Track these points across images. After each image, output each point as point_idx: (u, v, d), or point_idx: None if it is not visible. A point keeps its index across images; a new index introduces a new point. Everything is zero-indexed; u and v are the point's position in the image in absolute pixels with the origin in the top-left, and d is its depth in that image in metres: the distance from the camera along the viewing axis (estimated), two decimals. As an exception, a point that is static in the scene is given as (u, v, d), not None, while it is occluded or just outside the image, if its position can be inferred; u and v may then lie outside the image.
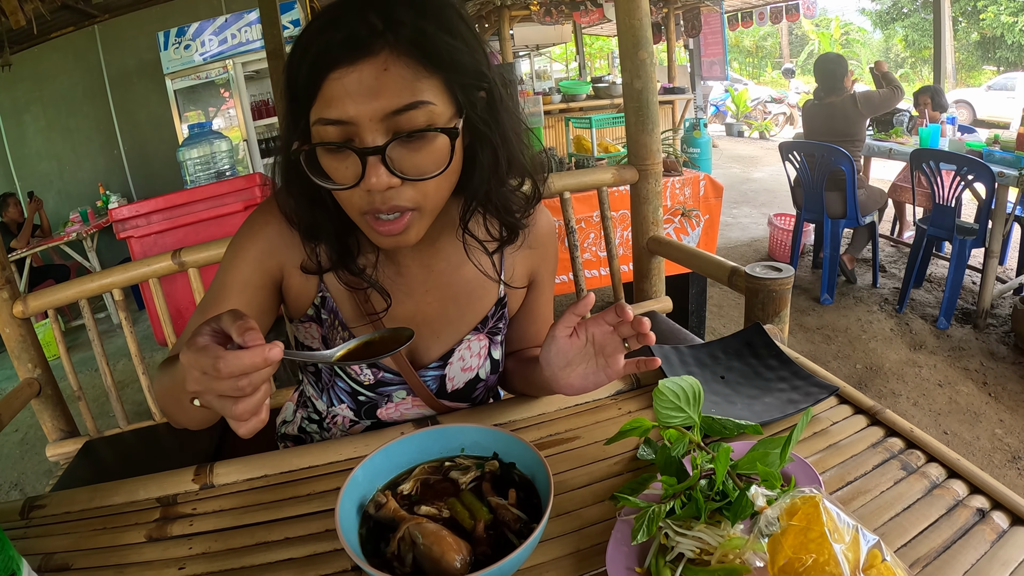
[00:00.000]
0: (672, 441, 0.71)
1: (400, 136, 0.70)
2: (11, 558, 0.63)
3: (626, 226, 2.86)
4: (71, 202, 6.22)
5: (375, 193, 0.72)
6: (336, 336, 0.92)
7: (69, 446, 1.64)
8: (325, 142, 0.71)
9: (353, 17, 0.69)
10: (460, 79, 0.73)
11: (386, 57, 0.68)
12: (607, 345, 0.79)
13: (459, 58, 0.72)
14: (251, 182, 2.32)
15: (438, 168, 0.73)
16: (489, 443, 0.75)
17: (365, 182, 0.70)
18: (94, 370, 4.06)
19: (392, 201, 0.73)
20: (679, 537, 0.62)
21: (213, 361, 0.53)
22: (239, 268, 0.87)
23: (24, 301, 1.53)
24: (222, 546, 0.77)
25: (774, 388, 0.99)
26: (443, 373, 0.97)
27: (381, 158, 0.69)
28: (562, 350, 0.81)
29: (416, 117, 0.69)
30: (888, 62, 6.11)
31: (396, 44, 0.68)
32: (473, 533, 0.63)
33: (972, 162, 3.28)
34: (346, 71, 0.68)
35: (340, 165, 0.72)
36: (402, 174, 0.71)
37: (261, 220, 0.88)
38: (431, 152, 0.72)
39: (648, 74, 1.77)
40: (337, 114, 0.69)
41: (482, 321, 0.98)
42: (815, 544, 0.57)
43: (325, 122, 0.70)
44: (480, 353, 0.99)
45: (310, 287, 0.91)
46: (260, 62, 5.64)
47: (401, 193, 0.73)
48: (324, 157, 0.73)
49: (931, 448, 0.81)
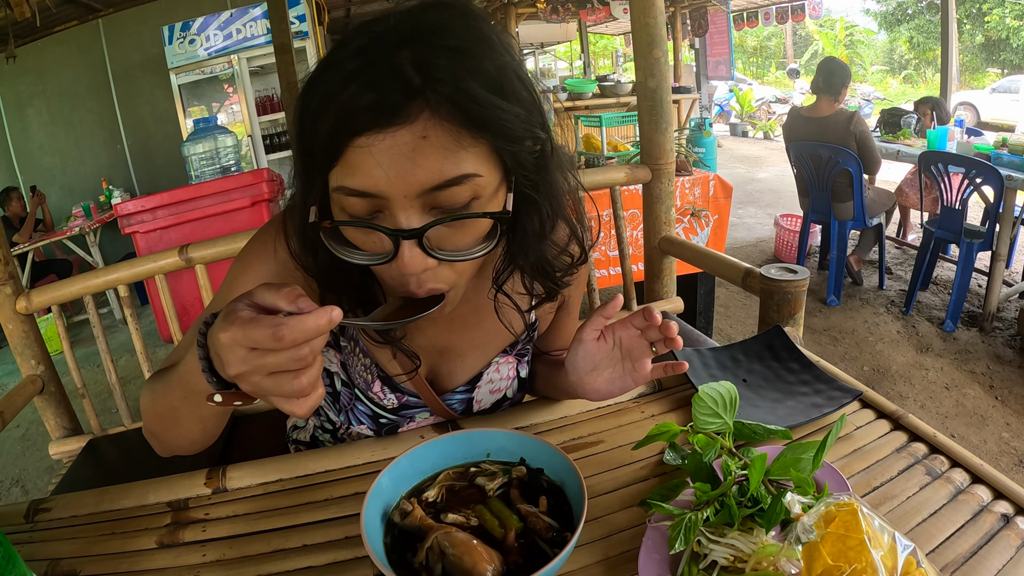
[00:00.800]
0: (702, 447, 0.70)
1: (441, 222, 0.60)
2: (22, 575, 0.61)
3: (635, 225, 2.85)
4: (74, 197, 6.21)
5: (409, 275, 0.63)
6: (357, 363, 0.87)
7: (72, 444, 1.63)
8: (350, 219, 0.61)
9: (384, 68, 0.56)
10: (510, 144, 0.61)
11: (425, 122, 0.56)
12: (634, 349, 0.77)
13: (510, 121, 0.60)
14: (258, 178, 2.30)
15: (481, 247, 0.64)
16: (516, 448, 0.73)
17: (398, 263, 0.61)
18: (96, 366, 4.05)
19: (428, 284, 0.64)
20: (712, 544, 0.61)
21: (272, 330, 0.49)
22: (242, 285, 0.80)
23: (28, 297, 1.52)
24: (237, 553, 0.75)
25: (796, 392, 0.97)
26: (471, 396, 0.94)
27: (418, 241, 0.60)
28: (589, 354, 0.79)
29: (459, 192, 0.59)
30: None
31: (436, 105, 0.56)
32: (504, 542, 0.61)
33: (980, 165, 3.27)
34: (376, 137, 0.56)
35: (368, 238, 0.63)
36: (440, 255, 0.62)
37: (271, 241, 0.78)
38: (474, 231, 0.63)
39: (662, 73, 1.76)
40: (364, 186, 0.58)
41: (511, 344, 0.93)
42: (854, 552, 0.56)
43: (349, 192, 0.59)
44: (508, 375, 0.95)
45: None
46: (265, 57, 5.64)
47: (438, 274, 0.64)
48: (351, 229, 0.63)
49: (954, 453, 0.81)
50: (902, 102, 12.46)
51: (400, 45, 0.57)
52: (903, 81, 20.76)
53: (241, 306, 0.52)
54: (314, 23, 5.72)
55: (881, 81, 20.78)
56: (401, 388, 0.90)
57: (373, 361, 0.87)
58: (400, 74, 0.56)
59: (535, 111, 0.64)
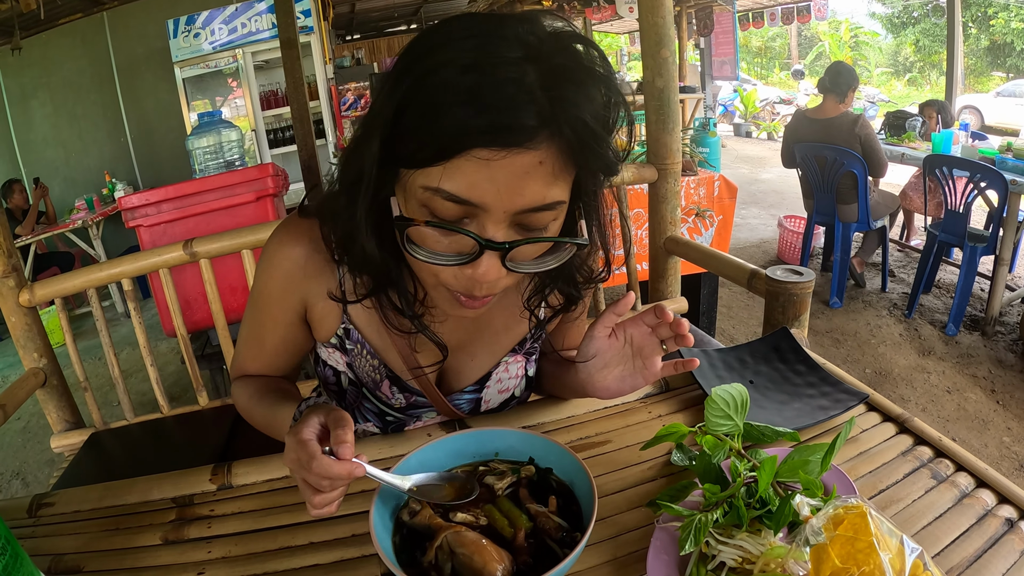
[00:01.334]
0: (710, 448, 0.70)
1: (530, 241, 0.63)
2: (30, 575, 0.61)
3: (640, 225, 2.85)
4: (77, 189, 6.21)
5: (478, 283, 0.64)
6: (365, 364, 0.87)
7: (74, 438, 1.63)
8: (439, 221, 0.61)
9: (514, 87, 0.55)
10: (592, 178, 0.67)
11: (543, 153, 0.58)
12: (645, 346, 0.77)
13: (607, 159, 0.63)
14: (263, 172, 2.29)
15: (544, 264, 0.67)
16: (525, 447, 0.73)
17: (475, 270, 0.62)
18: (97, 359, 4.06)
19: (492, 291, 0.66)
20: (721, 546, 0.61)
21: (308, 459, 0.59)
22: (267, 308, 0.86)
23: (31, 290, 1.52)
24: (243, 550, 0.75)
25: (803, 394, 0.97)
26: (479, 396, 0.94)
27: (502, 254, 0.62)
28: (599, 351, 0.79)
29: (547, 216, 0.62)
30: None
31: (558, 139, 0.58)
32: (513, 542, 0.61)
33: (985, 169, 3.27)
34: (498, 154, 0.56)
35: (443, 239, 0.63)
36: (514, 267, 0.64)
37: (277, 254, 0.82)
38: (542, 248, 0.67)
39: (670, 72, 1.76)
40: (471, 196, 0.58)
41: (520, 343, 0.93)
42: (863, 554, 0.56)
43: (448, 196, 0.59)
44: (517, 374, 0.95)
45: (332, 318, 0.85)
46: (269, 52, 5.63)
47: (500, 283, 0.66)
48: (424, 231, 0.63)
49: (959, 457, 0.81)
50: (907, 105, 12.44)
51: (526, 62, 0.57)
52: (908, 84, 20.71)
53: (312, 421, 0.63)
54: (319, 18, 5.71)
55: (886, 83, 20.74)
56: (410, 388, 0.89)
57: (381, 362, 0.87)
58: (533, 98, 0.56)
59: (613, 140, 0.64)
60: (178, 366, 3.77)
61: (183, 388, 3.55)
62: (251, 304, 0.88)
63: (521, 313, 0.87)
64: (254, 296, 0.86)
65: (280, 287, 0.83)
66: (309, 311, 0.86)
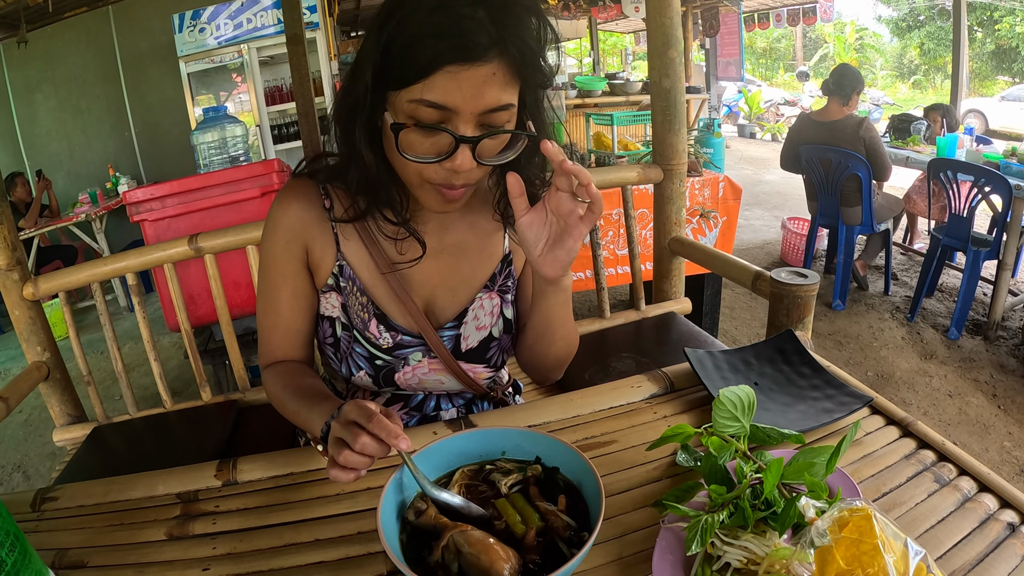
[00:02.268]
0: (716, 449, 0.70)
1: (492, 133, 0.79)
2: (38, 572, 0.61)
3: (644, 225, 2.85)
4: (80, 183, 6.21)
5: (455, 173, 0.80)
6: (355, 302, 0.98)
7: (77, 431, 1.63)
8: (424, 122, 0.78)
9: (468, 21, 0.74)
10: (533, 90, 0.84)
11: (496, 66, 0.76)
12: (562, 206, 0.80)
13: (540, 72, 0.82)
14: (268, 168, 2.28)
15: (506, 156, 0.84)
16: (531, 447, 0.73)
17: (452, 162, 0.79)
18: (100, 352, 4.06)
19: (468, 180, 0.83)
20: (726, 546, 0.61)
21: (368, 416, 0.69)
22: (276, 263, 0.98)
23: (35, 283, 1.52)
24: (248, 547, 0.75)
25: (807, 396, 0.98)
26: (459, 332, 1.01)
27: (472, 147, 0.78)
28: (531, 227, 0.82)
29: (502, 116, 0.79)
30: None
31: (504, 56, 0.76)
32: (523, 540, 0.61)
33: (989, 174, 3.26)
34: (462, 68, 0.74)
35: (426, 141, 0.79)
36: (481, 160, 0.80)
37: (278, 211, 0.97)
38: (502, 147, 0.84)
39: (677, 73, 1.75)
40: (445, 101, 0.75)
41: (491, 279, 1.03)
42: (867, 557, 0.57)
43: (428, 104, 0.76)
44: (493, 312, 1.03)
45: (329, 257, 0.98)
46: (274, 47, 5.62)
47: (472, 174, 0.82)
48: (411, 132, 0.79)
49: (962, 461, 0.81)
50: (911, 108, 12.42)
51: (476, 3, 0.75)
52: (912, 87, 20.68)
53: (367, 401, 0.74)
54: (324, 14, 5.70)
55: (890, 86, 20.71)
56: (396, 326, 0.99)
57: (370, 299, 0.98)
58: (484, 26, 0.74)
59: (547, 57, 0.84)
60: (181, 361, 3.77)
61: (185, 383, 3.55)
62: (261, 275, 1.00)
63: (492, 247, 1.04)
64: (263, 263, 0.99)
65: (284, 240, 0.96)
66: (310, 255, 0.98)
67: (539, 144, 0.83)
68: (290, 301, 0.99)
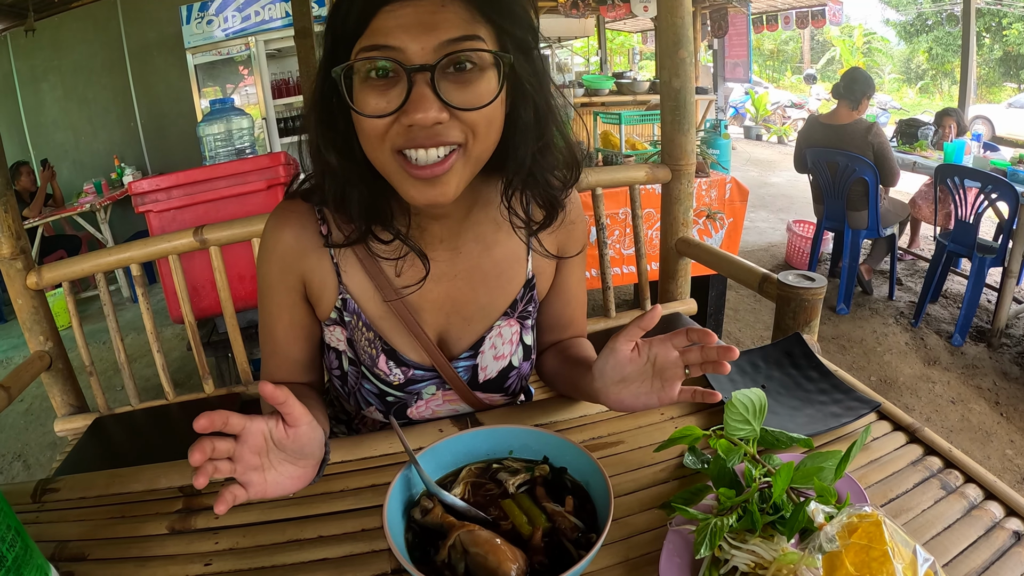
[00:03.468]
0: (725, 452, 0.70)
1: (450, 55, 0.67)
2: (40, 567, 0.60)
3: (650, 225, 2.84)
4: (85, 173, 6.21)
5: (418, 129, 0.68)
6: (361, 337, 0.90)
7: (78, 422, 1.63)
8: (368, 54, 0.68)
9: None
10: (511, 31, 0.72)
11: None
12: (668, 369, 0.74)
13: (515, 10, 0.72)
14: (275, 161, 2.28)
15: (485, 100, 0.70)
16: (539, 446, 0.73)
17: (411, 105, 0.66)
18: (102, 343, 4.06)
19: (439, 136, 0.69)
20: (734, 550, 0.61)
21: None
22: (271, 292, 0.90)
23: (39, 272, 1.52)
24: (251, 542, 0.74)
25: (815, 400, 0.97)
26: (475, 363, 0.94)
27: (430, 79, 0.66)
28: (620, 364, 0.76)
29: (464, 50, 0.67)
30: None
31: None
32: (530, 541, 0.61)
33: (996, 180, 3.26)
34: (402, 5, 0.66)
35: (381, 99, 0.68)
36: (448, 100, 0.67)
37: (270, 238, 0.88)
38: (478, 88, 0.69)
39: (687, 73, 1.75)
40: (387, 41, 0.66)
41: (511, 305, 0.94)
42: (877, 563, 0.57)
43: (371, 49, 0.67)
44: (512, 339, 0.95)
45: (330, 290, 0.89)
46: (282, 40, 5.61)
47: (448, 128, 0.69)
48: (363, 92, 0.69)
49: (968, 468, 0.81)
50: (918, 112, 12.39)
51: None
52: (919, 92, 20.63)
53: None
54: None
55: (897, 91, 20.67)
56: (406, 361, 0.91)
57: (377, 335, 0.90)
58: None
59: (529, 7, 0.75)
60: (183, 353, 3.77)
61: (188, 375, 3.56)
62: (259, 297, 0.92)
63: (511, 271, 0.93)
64: (259, 287, 0.92)
65: (278, 270, 0.88)
66: (308, 288, 0.90)
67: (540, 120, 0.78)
68: (287, 332, 0.92)
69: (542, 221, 0.89)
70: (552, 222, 0.89)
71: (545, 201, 0.87)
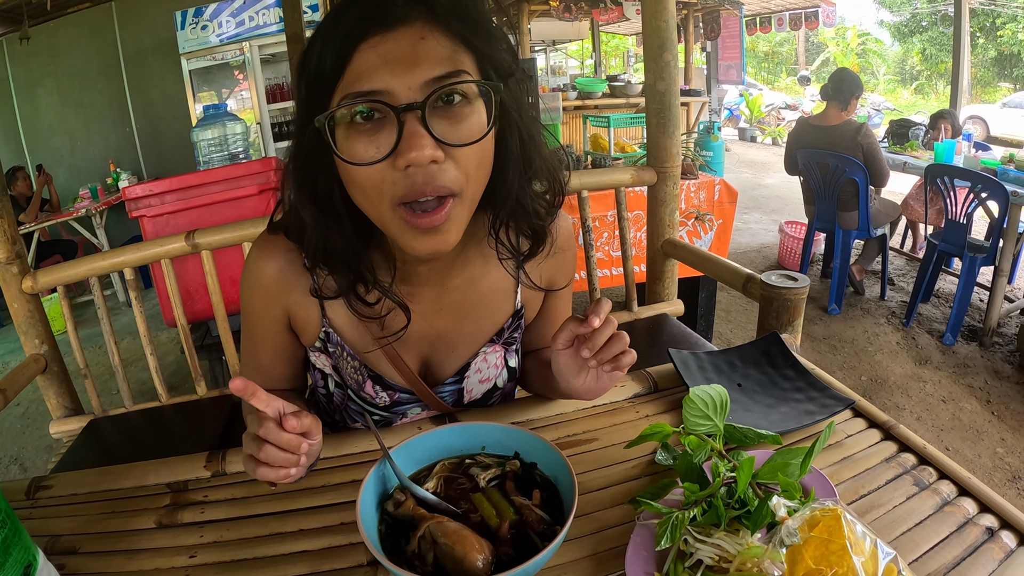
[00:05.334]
0: (693, 448, 0.71)
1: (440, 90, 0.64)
2: (27, 548, 0.62)
3: (639, 227, 2.86)
4: (81, 178, 6.22)
5: (416, 171, 0.64)
6: (347, 365, 0.91)
7: (73, 424, 1.64)
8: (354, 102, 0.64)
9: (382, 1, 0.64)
10: (492, 55, 0.70)
11: (422, 26, 0.64)
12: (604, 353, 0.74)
13: (494, 34, 0.70)
14: (267, 166, 2.30)
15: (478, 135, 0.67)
16: (511, 442, 0.75)
17: (404, 145, 0.63)
18: (98, 347, 4.07)
19: (436, 180, 0.65)
20: (698, 544, 0.62)
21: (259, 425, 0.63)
22: (254, 322, 0.90)
23: (34, 276, 1.53)
24: (234, 535, 0.77)
25: (790, 398, 0.98)
26: (460, 387, 0.95)
27: (421, 117, 0.63)
28: (568, 364, 0.78)
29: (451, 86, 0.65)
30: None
31: (432, 14, 0.65)
32: (497, 532, 0.63)
33: (986, 180, 3.27)
34: (380, 40, 0.63)
35: (371, 146, 0.65)
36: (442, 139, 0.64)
37: (254, 271, 0.86)
38: (470, 121, 0.67)
39: (671, 76, 1.77)
40: (371, 84, 0.63)
41: (498, 332, 0.94)
42: (836, 556, 0.57)
43: (355, 95, 0.63)
44: (496, 364, 0.96)
45: (313, 322, 0.88)
46: (276, 45, 5.64)
47: (444, 171, 0.66)
48: (350, 140, 0.66)
49: (943, 465, 0.81)
50: (912, 113, 12.42)
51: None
52: (914, 92, 20.67)
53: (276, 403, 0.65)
54: (326, 12, 5.72)
55: (892, 92, 20.70)
56: (392, 386, 0.92)
57: (362, 363, 0.90)
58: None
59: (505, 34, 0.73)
60: (178, 356, 3.78)
61: (183, 378, 3.57)
62: (242, 320, 0.92)
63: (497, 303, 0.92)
64: (242, 312, 0.91)
65: (261, 302, 0.87)
66: (292, 320, 0.89)
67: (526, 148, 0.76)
68: (271, 357, 0.93)
69: (528, 251, 0.87)
70: (538, 252, 0.87)
71: (531, 231, 0.85)
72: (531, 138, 0.77)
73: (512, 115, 0.74)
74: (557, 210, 0.89)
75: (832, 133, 3.81)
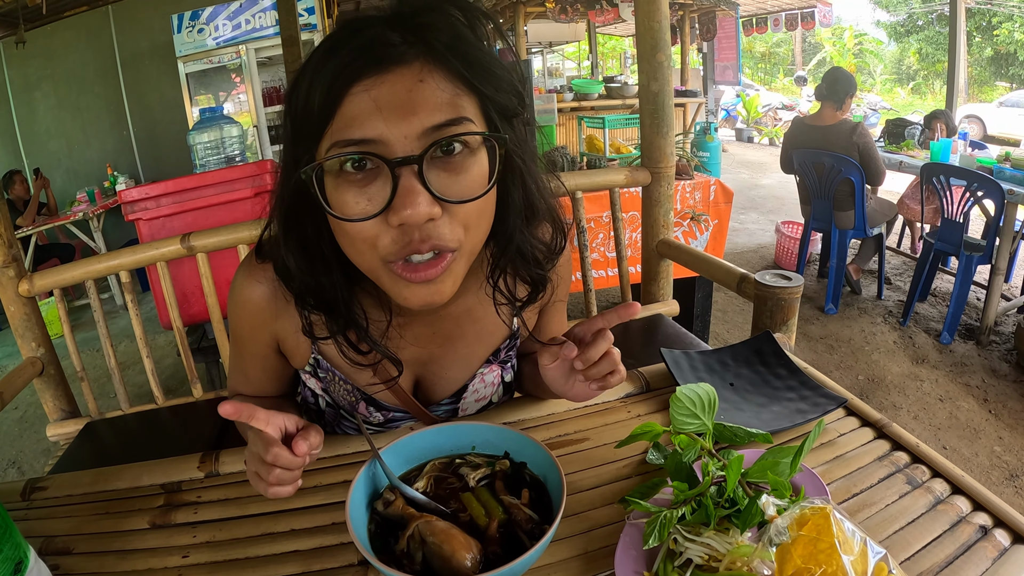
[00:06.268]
0: (683, 447, 0.72)
1: (440, 143, 0.58)
2: (18, 545, 0.62)
3: (634, 228, 2.86)
4: (78, 181, 6.22)
5: (410, 229, 0.60)
6: (339, 388, 0.89)
7: (70, 426, 1.65)
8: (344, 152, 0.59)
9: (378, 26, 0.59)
10: (496, 99, 0.64)
11: (421, 67, 0.59)
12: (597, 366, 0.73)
13: (498, 74, 0.63)
14: (262, 168, 2.31)
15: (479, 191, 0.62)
16: (501, 442, 0.75)
17: (398, 202, 0.58)
18: (95, 350, 4.07)
19: (432, 238, 0.61)
20: (688, 543, 0.62)
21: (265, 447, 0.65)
22: (243, 342, 0.88)
23: (30, 280, 1.54)
24: (227, 535, 0.77)
25: (782, 397, 0.99)
26: (457, 406, 0.94)
27: (418, 172, 0.58)
28: (555, 376, 0.79)
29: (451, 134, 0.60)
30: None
31: (431, 54, 0.59)
32: (486, 531, 0.63)
33: (982, 178, 3.28)
34: (373, 82, 0.57)
35: (361, 198, 0.60)
36: (440, 195, 0.59)
37: (242, 295, 0.82)
38: (471, 174, 0.62)
39: (665, 77, 1.77)
40: (362, 133, 0.57)
41: (494, 353, 0.93)
42: (824, 555, 0.57)
43: (345, 144, 0.58)
44: (493, 382, 0.95)
45: (303, 349, 0.86)
46: (273, 48, 5.64)
47: (440, 228, 0.61)
48: (340, 190, 0.61)
49: (936, 463, 0.81)
50: (909, 113, 12.45)
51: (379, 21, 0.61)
52: (911, 92, 20.70)
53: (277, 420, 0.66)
54: (323, 15, 5.73)
55: (889, 91, 20.74)
56: (386, 406, 0.91)
57: (355, 387, 0.89)
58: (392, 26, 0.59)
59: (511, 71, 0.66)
60: (175, 359, 3.79)
61: (179, 381, 3.57)
62: (231, 342, 0.90)
63: (493, 325, 0.89)
64: (231, 334, 0.88)
65: (249, 327, 0.85)
66: (281, 344, 0.87)
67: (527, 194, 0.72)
68: (260, 375, 0.91)
69: (527, 298, 0.83)
70: (536, 300, 0.84)
71: (531, 279, 0.81)
72: (535, 183, 0.73)
73: (516, 162, 0.68)
74: (559, 256, 0.83)
75: (827, 133, 3.81)
